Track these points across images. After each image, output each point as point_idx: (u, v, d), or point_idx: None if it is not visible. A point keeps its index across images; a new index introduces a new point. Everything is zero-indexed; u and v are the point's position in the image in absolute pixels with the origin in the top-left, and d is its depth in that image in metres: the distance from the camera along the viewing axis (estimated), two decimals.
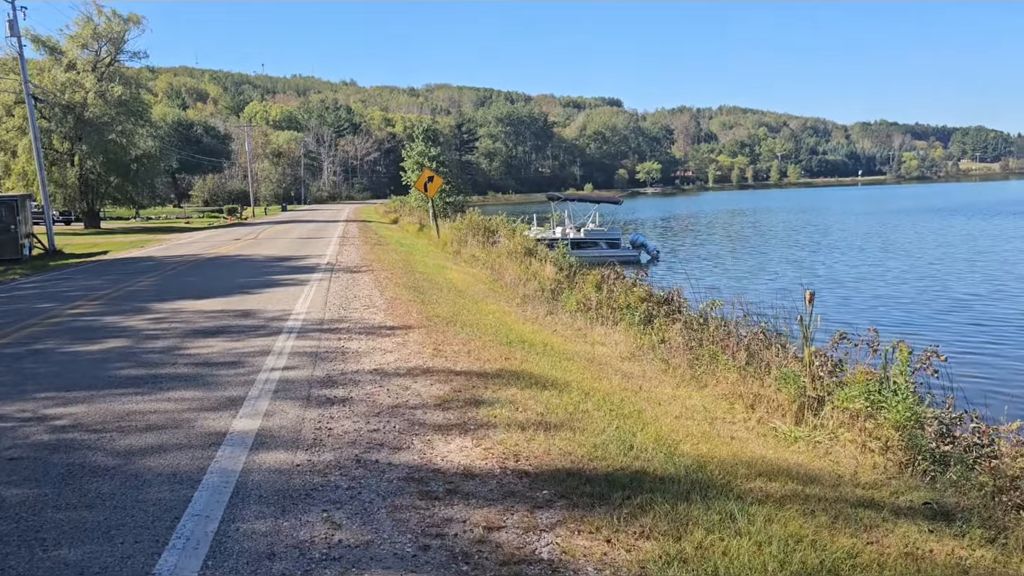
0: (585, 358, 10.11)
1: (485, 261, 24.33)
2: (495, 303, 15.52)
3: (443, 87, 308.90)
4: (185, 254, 28.58)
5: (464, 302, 14.76)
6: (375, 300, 14.42)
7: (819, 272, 32.21)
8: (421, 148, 52.58)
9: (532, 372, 8.52)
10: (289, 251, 28.38)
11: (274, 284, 17.44)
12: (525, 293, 17.57)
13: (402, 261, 23.64)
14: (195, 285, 17.70)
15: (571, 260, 22.25)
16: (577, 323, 13.48)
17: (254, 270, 21.15)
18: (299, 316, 12.49)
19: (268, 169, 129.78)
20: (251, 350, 9.70)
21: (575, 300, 14.82)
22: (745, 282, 29.34)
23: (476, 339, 10.44)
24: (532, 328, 12.41)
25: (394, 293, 15.46)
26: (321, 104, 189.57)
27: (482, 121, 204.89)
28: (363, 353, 9.47)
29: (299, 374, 8.36)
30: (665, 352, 10.69)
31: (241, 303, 14.31)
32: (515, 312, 14.36)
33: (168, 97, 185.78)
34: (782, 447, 6.75)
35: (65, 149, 56.46)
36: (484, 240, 29.76)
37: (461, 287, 17.92)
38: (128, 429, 6.42)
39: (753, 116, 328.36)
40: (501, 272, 20.68)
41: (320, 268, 21.14)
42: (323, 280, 17.97)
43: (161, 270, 22.10)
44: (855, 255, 38.80)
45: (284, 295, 15.31)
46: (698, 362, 9.77)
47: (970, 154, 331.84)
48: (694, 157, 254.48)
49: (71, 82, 55.43)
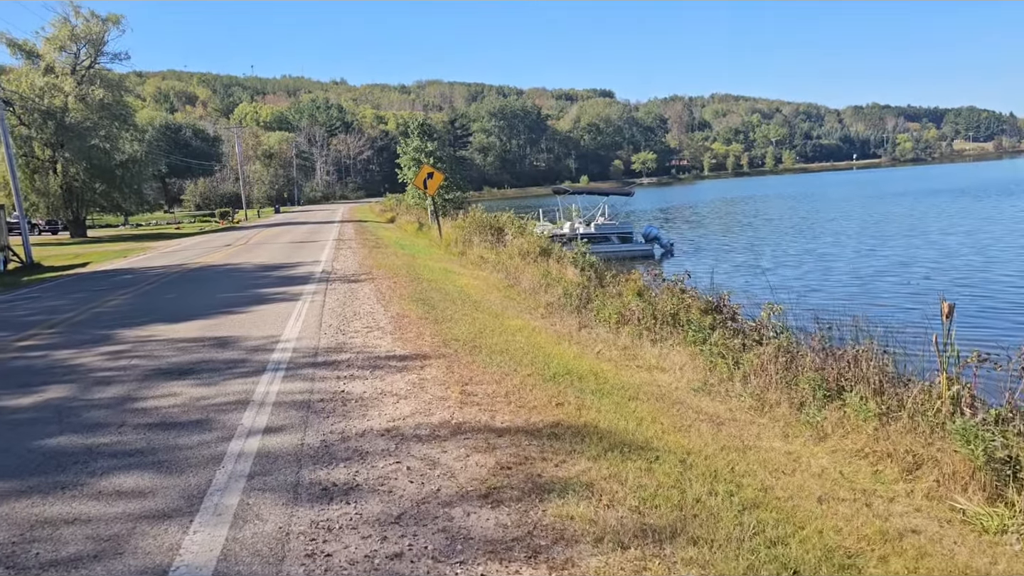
0: (651, 393, 7.96)
1: (495, 263, 22.16)
2: (517, 316, 13.36)
3: (434, 83, 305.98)
4: (168, 264, 26.37)
5: (483, 317, 12.59)
6: (379, 318, 12.25)
7: (847, 266, 30.09)
8: (417, 143, 50.26)
9: (597, 425, 6.37)
10: (281, 258, 26.19)
11: (262, 300, 15.25)
12: (548, 301, 15.40)
13: (404, 266, 21.46)
14: (172, 304, 15.51)
15: (591, 259, 20.09)
16: (620, 340, 11.32)
17: (241, 282, 18.95)
18: (288, 344, 10.31)
19: (260, 171, 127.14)
20: (225, 400, 7.52)
21: (613, 310, 12.66)
22: (777, 279, 27.21)
23: (511, 373, 8.29)
24: (571, 351, 10.25)
25: (400, 307, 13.29)
26: (312, 103, 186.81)
27: (475, 116, 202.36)
28: (370, 400, 7.30)
29: (285, 441, 6.18)
30: (741, 378, 8.57)
31: (221, 327, 12.13)
32: (544, 328, 12.19)
33: (156, 101, 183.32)
34: (987, 546, 4.60)
35: (47, 156, 54.13)
36: (491, 239, 27.59)
37: (475, 296, 15.75)
38: (21, 567, 4.24)
39: (745, 103, 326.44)
40: (517, 276, 18.49)
41: (314, 277, 18.96)
42: (318, 293, 15.80)
43: (138, 285, 19.90)
44: (900, 244, 36.66)
45: (272, 314, 13.13)
46: (793, 392, 7.65)
47: (963, 134, 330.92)
48: (689, 146, 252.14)
49: (49, 86, 53.14)
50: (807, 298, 21.34)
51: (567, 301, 15.40)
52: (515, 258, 21.44)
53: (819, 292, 23.24)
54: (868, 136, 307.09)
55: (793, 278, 26.65)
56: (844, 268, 28.57)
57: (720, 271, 29.14)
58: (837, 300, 20.28)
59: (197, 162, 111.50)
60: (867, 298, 21.36)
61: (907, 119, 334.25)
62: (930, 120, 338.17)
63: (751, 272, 29.03)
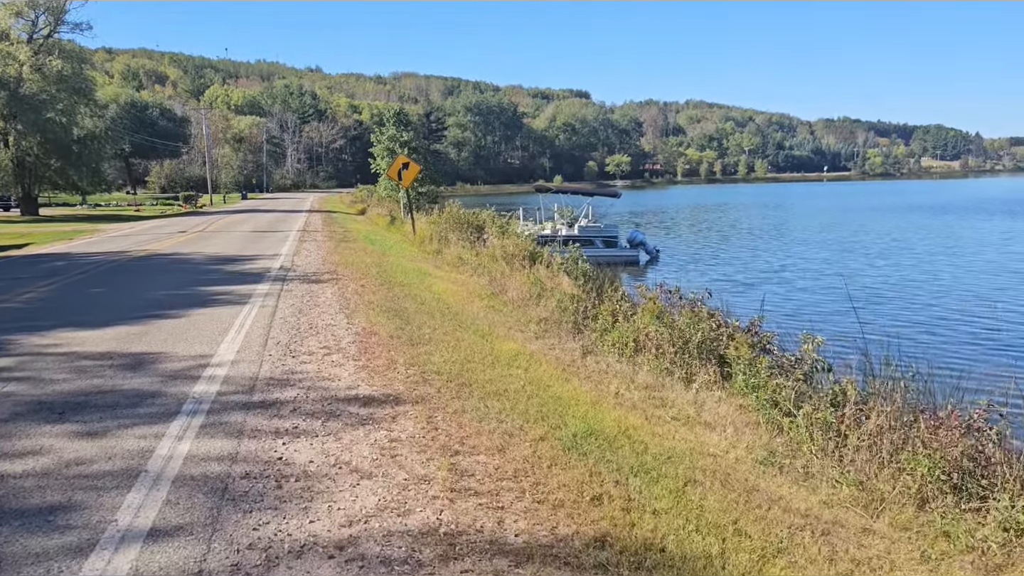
0: (710, 471, 5.76)
1: (476, 266, 19.88)
2: (508, 335, 11.12)
3: (410, 76, 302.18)
4: (110, 251, 23.72)
5: (468, 337, 10.32)
6: (340, 334, 9.92)
7: (854, 277, 28.24)
8: (392, 132, 47.71)
9: (661, 543, 4.16)
10: (237, 248, 23.68)
11: (203, 301, 12.82)
12: (542, 316, 13.18)
13: (374, 265, 19.09)
14: (95, 302, 13.01)
15: (585, 267, 17.89)
16: (639, 375, 9.12)
17: (184, 277, 16.44)
18: (220, 369, 7.96)
19: (229, 155, 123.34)
20: (107, 468, 5.17)
21: (625, 335, 10.47)
22: (772, 289, 25.25)
23: (516, 433, 6.04)
24: (584, 391, 8.01)
25: (367, 320, 10.97)
26: (285, 89, 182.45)
27: (451, 110, 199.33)
28: (318, 478, 5.01)
29: (174, 563, 3.89)
30: (819, 447, 6.43)
31: (143, 338, 9.72)
32: (542, 353, 9.95)
33: (124, 78, 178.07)
34: None
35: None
36: (471, 238, 25.30)
37: (455, 306, 13.47)
38: None
39: (720, 110, 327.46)
40: (503, 283, 16.20)
41: (270, 275, 16.54)
42: (270, 295, 13.41)
43: (67, 274, 17.31)
44: (898, 258, 34.93)
45: (210, 322, 10.73)
46: (898, 472, 5.52)
47: (931, 152, 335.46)
48: (663, 150, 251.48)
49: (2, 54, 49.81)
50: (829, 321, 19.41)
51: (563, 316, 13.20)
52: (498, 261, 19.19)
53: (840, 314, 21.29)
54: (839, 149, 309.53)
55: (798, 296, 24.71)
56: (857, 285, 26.73)
57: (711, 283, 27.16)
58: (873, 326, 18.33)
59: (163, 143, 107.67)
60: (898, 324, 19.41)
61: (877, 133, 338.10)
62: (899, 136, 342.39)
63: (744, 284, 27.07)
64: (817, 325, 18.50)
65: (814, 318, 20.30)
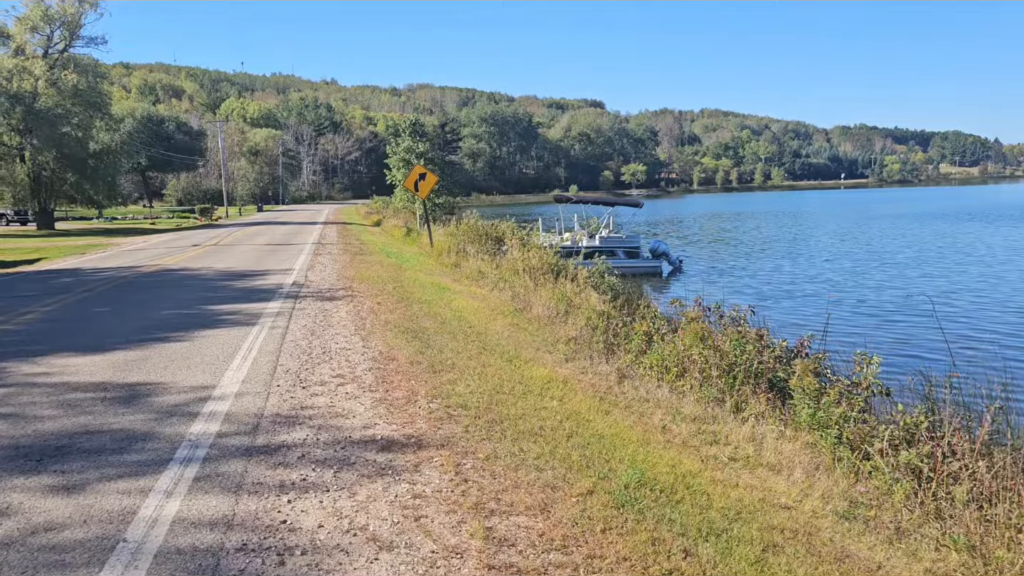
0: (789, 531, 4.89)
1: (496, 280, 19.06)
2: (535, 357, 10.27)
3: (425, 87, 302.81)
4: (120, 266, 23.10)
5: (494, 361, 9.49)
6: (355, 360, 9.12)
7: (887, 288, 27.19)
8: (408, 143, 47.08)
9: None
10: (250, 263, 22.99)
11: (210, 322, 12.06)
12: (569, 335, 12.33)
13: (391, 279, 18.32)
14: (97, 323, 12.28)
15: (612, 281, 17.02)
16: (685, 405, 8.25)
17: (192, 295, 15.71)
18: (223, 404, 7.15)
19: (245, 168, 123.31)
20: (77, 539, 4.36)
21: (667, 358, 9.60)
22: (802, 302, 24.28)
23: (559, 486, 5.19)
24: (627, 425, 7.16)
25: (385, 342, 10.17)
26: (301, 102, 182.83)
27: (466, 121, 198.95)
28: (328, 554, 4.17)
29: None
30: (904, 496, 5.55)
31: (142, 365, 8.95)
32: (575, 379, 9.10)
33: (142, 93, 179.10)
34: None
35: (15, 143, 50.48)
36: (489, 250, 24.51)
37: (477, 325, 12.65)
38: None
39: (735, 119, 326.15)
40: (527, 299, 15.36)
41: (282, 292, 15.79)
42: (282, 314, 12.64)
43: (73, 292, 16.64)
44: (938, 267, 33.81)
45: (216, 346, 9.96)
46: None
47: (949, 158, 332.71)
48: (678, 159, 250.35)
49: (18, 69, 49.63)
50: (865, 335, 18.42)
51: (593, 336, 12.34)
52: (521, 275, 18.35)
53: (876, 328, 20.30)
54: (856, 156, 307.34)
55: (823, 308, 23.71)
56: (890, 296, 25.66)
57: (738, 296, 26.21)
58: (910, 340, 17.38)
59: (179, 156, 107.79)
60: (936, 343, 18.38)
61: (894, 141, 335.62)
62: (916, 143, 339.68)
63: (772, 296, 26.09)
64: (855, 340, 17.55)
65: (850, 332, 19.34)
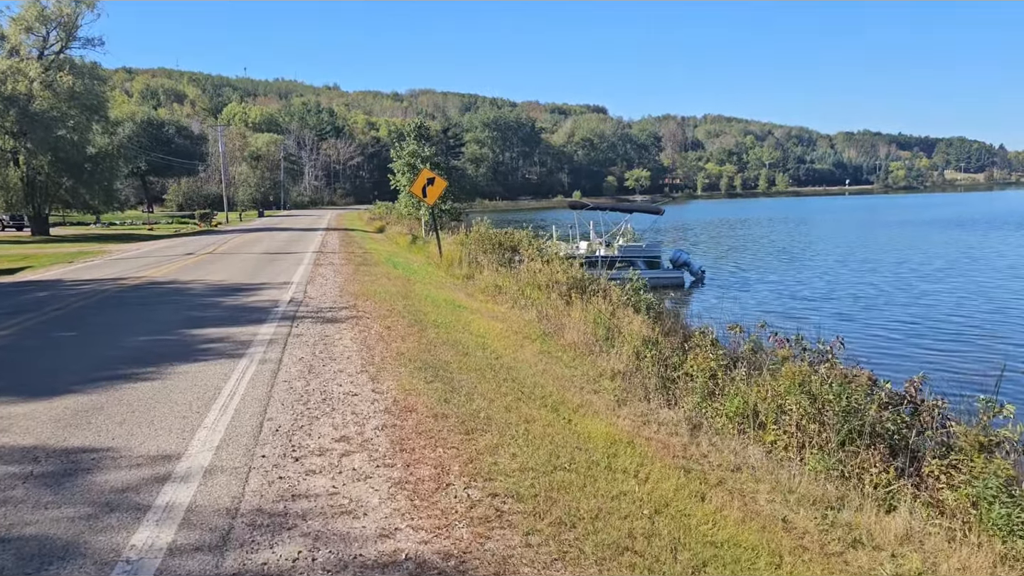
0: None
1: (515, 295, 17.14)
2: (583, 401, 8.35)
3: (427, 92, 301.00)
4: (105, 277, 21.19)
5: (536, 412, 7.57)
6: (364, 412, 7.19)
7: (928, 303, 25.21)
8: (413, 147, 45.07)
9: None
10: (245, 275, 21.07)
11: (188, 353, 10.11)
12: (615, 368, 10.41)
13: (400, 295, 16.38)
14: (55, 354, 10.34)
15: (649, 299, 15.10)
16: (799, 481, 6.33)
17: (175, 315, 13.75)
18: (183, 491, 5.18)
19: (246, 172, 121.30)
20: None
21: (743, 405, 7.70)
22: (842, 317, 22.34)
23: None
24: (733, 515, 5.24)
25: (400, 384, 8.24)
26: (303, 107, 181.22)
27: (468, 126, 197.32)
28: None
29: None
30: None
31: (90, 420, 6.99)
32: (640, 434, 7.18)
33: (144, 97, 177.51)
34: None
35: (9, 147, 48.68)
36: (503, 261, 22.62)
37: (505, 355, 10.73)
38: None
39: (738, 124, 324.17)
40: (557, 321, 13.42)
41: (277, 311, 13.86)
42: (275, 343, 10.71)
43: (42, 310, 14.72)
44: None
45: (190, 390, 8.02)
46: None
47: (954, 164, 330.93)
48: (682, 165, 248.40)
49: (12, 70, 47.90)
50: (917, 357, 16.44)
51: (642, 368, 10.42)
52: (544, 291, 16.43)
53: (926, 349, 18.34)
54: (861, 163, 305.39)
55: (867, 320, 21.75)
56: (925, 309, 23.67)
57: (765, 308, 24.29)
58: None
59: (179, 160, 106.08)
60: None
61: (899, 147, 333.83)
62: (921, 149, 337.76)
63: (805, 310, 24.14)
64: (918, 364, 15.63)
65: (903, 354, 17.41)
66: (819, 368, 8.14)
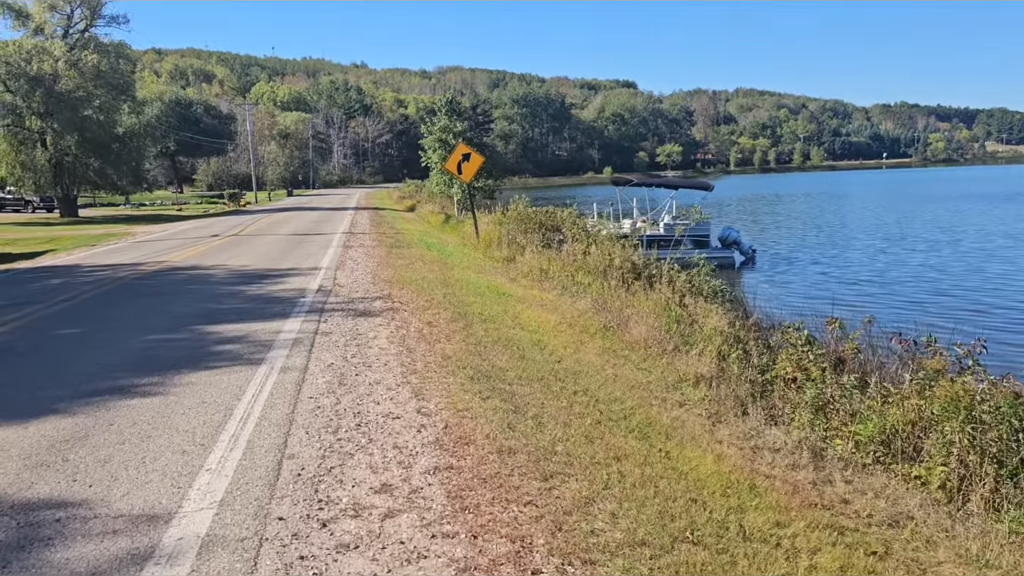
0: None
1: (563, 280, 15.58)
2: (673, 420, 6.84)
3: (455, 69, 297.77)
4: (123, 263, 19.93)
5: (623, 438, 6.04)
6: (410, 448, 5.67)
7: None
8: (444, 123, 43.54)
9: None
10: (271, 259, 19.71)
11: (198, 357, 8.66)
12: (697, 372, 8.83)
13: (439, 283, 14.90)
14: (47, 359, 8.93)
15: (717, 285, 13.47)
16: (965, 529, 4.78)
17: (191, 307, 12.35)
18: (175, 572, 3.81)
19: (275, 152, 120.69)
20: None
21: (878, 430, 6.12)
22: (907, 299, 20.48)
23: None
24: None
25: (450, 402, 6.73)
26: (331, 85, 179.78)
27: (497, 102, 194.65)
28: None
29: None
30: None
31: (66, 456, 5.55)
32: (759, 471, 5.64)
33: (172, 78, 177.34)
34: None
35: (36, 127, 47.83)
36: (545, 242, 21.04)
37: (565, 356, 9.19)
38: None
39: (771, 98, 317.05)
40: (619, 313, 11.84)
41: (304, 302, 12.42)
42: (300, 342, 9.26)
43: (49, 301, 13.41)
44: None
45: (193, 413, 6.54)
46: None
47: (995, 136, 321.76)
48: (714, 139, 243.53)
49: (37, 50, 47.03)
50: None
51: (732, 371, 8.83)
52: (596, 275, 14.84)
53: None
54: (898, 135, 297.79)
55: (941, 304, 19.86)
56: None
57: (823, 288, 22.48)
58: None
59: (208, 140, 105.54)
60: None
61: (937, 118, 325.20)
62: (960, 120, 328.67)
63: (867, 292, 22.31)
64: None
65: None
66: (970, 380, 6.48)
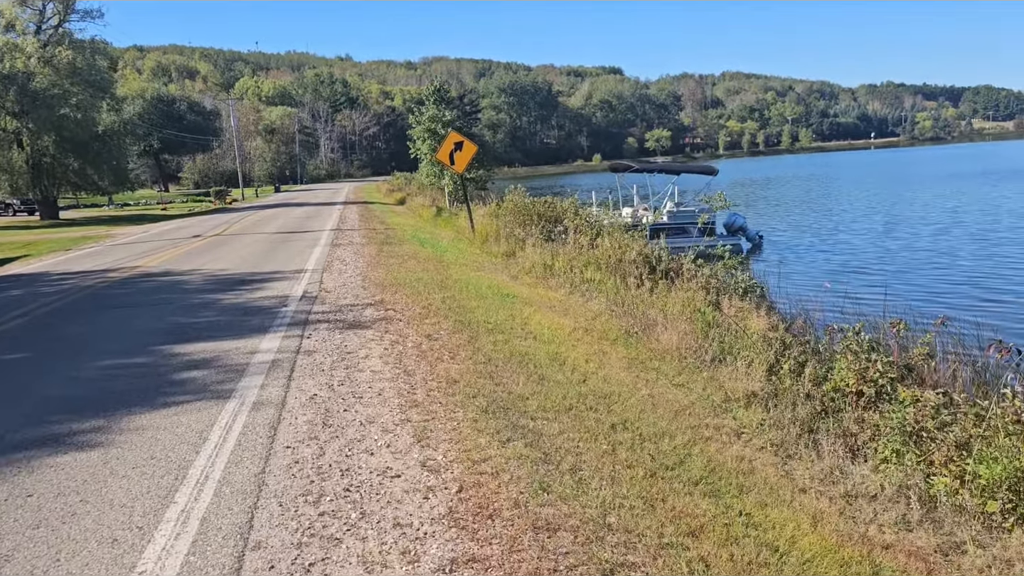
0: None
1: (571, 277, 14.20)
2: (735, 463, 5.51)
3: (441, 60, 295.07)
4: (93, 269, 18.43)
5: (686, 497, 4.67)
6: (415, 530, 4.25)
7: None
8: (433, 112, 41.93)
9: None
10: (253, 261, 18.24)
11: (155, 391, 7.23)
12: (748, 389, 7.50)
13: (436, 284, 13.48)
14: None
15: (745, 279, 12.16)
16: None
17: (157, 323, 10.90)
18: None
19: (261, 147, 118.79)
20: None
21: (992, 478, 4.83)
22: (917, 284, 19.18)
23: None
24: None
25: (463, 451, 5.34)
26: (316, 78, 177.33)
27: (484, 92, 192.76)
28: None
29: None
30: None
31: None
32: (882, 547, 4.32)
33: (155, 75, 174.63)
34: None
35: (11, 127, 46.10)
36: (545, 234, 19.64)
37: (594, 376, 7.83)
38: None
39: (758, 81, 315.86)
40: (643, 316, 10.45)
41: (285, 313, 10.99)
42: (278, 366, 7.85)
43: (2, 316, 11.99)
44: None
45: (138, 474, 5.12)
46: None
47: (982, 113, 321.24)
48: (703, 123, 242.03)
49: (9, 47, 45.31)
50: None
51: (786, 386, 7.47)
52: (607, 271, 13.47)
53: None
54: (886, 115, 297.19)
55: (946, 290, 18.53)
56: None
57: (837, 276, 21.14)
58: None
59: (192, 137, 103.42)
60: None
61: (924, 97, 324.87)
62: (947, 99, 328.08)
63: (877, 277, 20.97)
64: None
65: None
66: None
